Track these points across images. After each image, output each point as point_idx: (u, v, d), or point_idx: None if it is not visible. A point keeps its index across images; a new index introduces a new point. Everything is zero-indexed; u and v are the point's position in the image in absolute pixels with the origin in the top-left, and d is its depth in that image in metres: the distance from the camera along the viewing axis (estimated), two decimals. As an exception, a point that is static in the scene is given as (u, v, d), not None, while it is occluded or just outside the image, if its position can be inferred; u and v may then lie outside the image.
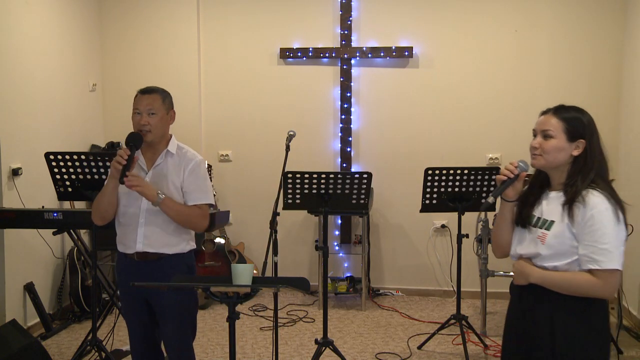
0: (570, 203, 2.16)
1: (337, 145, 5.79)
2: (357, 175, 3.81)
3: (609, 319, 2.28)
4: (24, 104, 4.66)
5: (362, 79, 5.75)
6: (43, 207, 4.25)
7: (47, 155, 3.74)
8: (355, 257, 5.82)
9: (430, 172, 4.30)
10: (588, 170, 2.19)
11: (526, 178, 2.32)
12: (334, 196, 3.79)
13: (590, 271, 2.12)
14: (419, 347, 4.47)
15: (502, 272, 4.49)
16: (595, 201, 2.14)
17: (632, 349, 4.42)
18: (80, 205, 5.08)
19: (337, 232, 5.86)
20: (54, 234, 4.12)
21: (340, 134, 5.75)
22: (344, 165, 5.75)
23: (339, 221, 5.82)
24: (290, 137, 3.85)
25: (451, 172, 4.26)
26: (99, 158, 3.69)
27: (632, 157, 5.13)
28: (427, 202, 4.35)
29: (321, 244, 3.85)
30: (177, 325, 2.97)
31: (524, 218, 2.28)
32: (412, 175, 5.27)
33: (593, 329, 2.19)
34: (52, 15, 5.07)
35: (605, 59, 5.47)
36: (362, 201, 3.86)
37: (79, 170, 3.72)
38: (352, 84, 5.71)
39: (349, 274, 5.82)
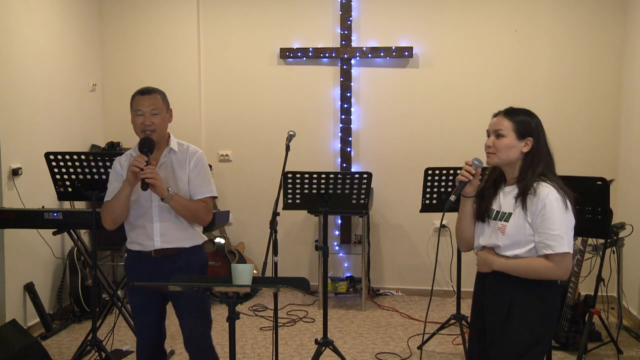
0: (523, 195, 2.39)
1: (337, 145, 5.79)
2: (357, 175, 3.81)
3: (560, 298, 2.57)
4: (24, 104, 4.66)
5: (362, 79, 5.75)
6: (43, 207, 4.24)
7: (47, 155, 3.74)
8: (355, 257, 5.82)
9: (430, 172, 4.30)
10: (536, 165, 2.43)
11: (481, 175, 2.56)
12: (334, 196, 3.79)
13: (545, 256, 2.36)
14: (419, 347, 4.47)
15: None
16: (546, 192, 2.37)
17: (632, 349, 4.42)
18: (80, 205, 5.08)
19: (337, 232, 5.86)
20: (54, 234, 4.12)
21: (340, 134, 5.75)
22: (344, 165, 5.75)
23: (339, 221, 5.82)
24: (290, 137, 3.85)
25: (451, 172, 4.26)
26: (99, 158, 3.69)
27: (632, 157, 5.13)
28: (427, 202, 4.35)
29: (321, 244, 3.85)
30: (197, 316, 3.01)
31: (483, 212, 2.51)
32: (412, 175, 5.27)
33: (545, 309, 2.44)
34: (52, 15, 5.07)
35: (605, 59, 5.47)
36: (362, 201, 3.85)
37: (79, 170, 3.72)
38: (352, 84, 5.71)
39: (349, 274, 5.82)
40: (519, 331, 2.42)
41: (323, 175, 3.76)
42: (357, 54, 5.66)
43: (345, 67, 5.69)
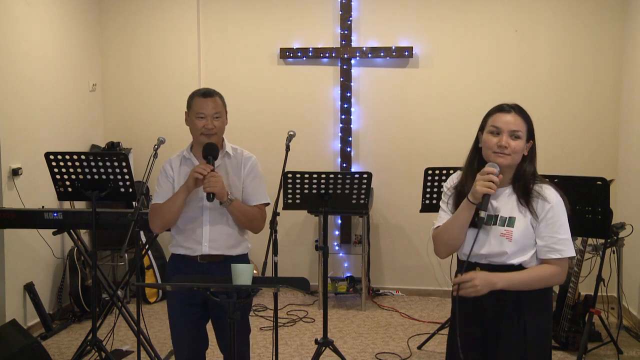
0: (528, 198, 2.25)
1: (337, 145, 5.79)
2: (357, 175, 3.81)
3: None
4: (24, 104, 4.66)
5: (362, 79, 5.75)
6: (43, 207, 4.25)
7: (47, 155, 3.74)
8: (355, 257, 5.82)
9: (430, 172, 4.30)
10: (532, 166, 2.32)
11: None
12: (334, 196, 3.79)
13: (547, 260, 2.25)
14: (419, 347, 4.47)
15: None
16: (552, 195, 2.26)
17: (632, 349, 4.42)
18: (80, 205, 5.09)
19: (337, 232, 5.86)
20: (54, 234, 4.12)
21: (340, 134, 5.75)
22: (344, 165, 5.75)
23: (339, 221, 5.82)
24: (290, 137, 3.84)
25: (451, 172, 4.25)
26: (99, 158, 3.69)
27: (632, 157, 5.13)
28: (427, 202, 4.35)
29: (321, 244, 3.85)
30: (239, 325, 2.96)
31: (473, 217, 2.28)
32: (412, 175, 5.27)
33: (550, 313, 2.39)
34: (52, 15, 5.07)
35: (605, 59, 5.47)
36: (362, 201, 3.85)
37: (79, 170, 3.72)
38: (352, 84, 5.71)
39: (349, 274, 5.82)
40: (535, 339, 2.29)
41: (323, 175, 3.76)
42: (357, 54, 5.66)
43: (345, 67, 5.69)
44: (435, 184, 4.28)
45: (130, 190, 3.75)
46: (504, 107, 2.33)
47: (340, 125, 5.74)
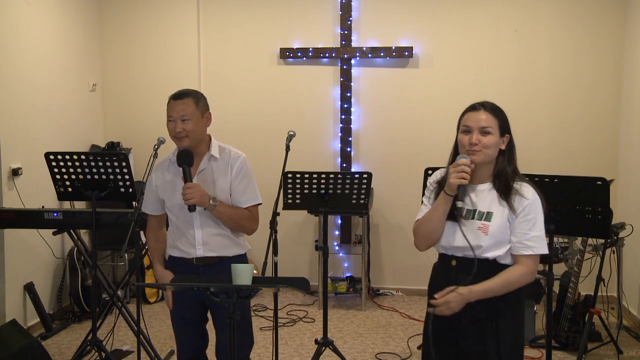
0: (507, 194, 2.31)
1: (337, 145, 5.79)
2: (357, 175, 3.80)
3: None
4: (24, 104, 4.66)
5: (362, 79, 5.75)
6: (43, 207, 4.24)
7: (47, 155, 3.74)
8: (355, 257, 5.82)
9: (430, 172, 4.28)
10: (511, 162, 2.37)
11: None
12: (334, 196, 3.78)
13: (519, 256, 2.31)
14: (419, 347, 4.47)
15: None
16: (530, 192, 2.32)
17: (632, 349, 4.42)
18: (80, 205, 5.09)
19: (337, 232, 5.86)
20: (54, 234, 4.11)
21: (340, 134, 5.75)
22: (344, 165, 5.75)
23: (339, 221, 5.82)
24: (290, 137, 3.84)
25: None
26: (99, 158, 3.69)
27: (632, 157, 5.13)
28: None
29: (321, 244, 3.85)
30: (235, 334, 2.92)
31: (453, 210, 2.37)
32: (412, 175, 5.27)
33: (522, 312, 2.43)
34: (52, 15, 5.07)
35: (605, 59, 5.47)
36: (362, 201, 3.85)
37: (79, 170, 3.72)
38: (352, 84, 5.71)
39: (349, 274, 5.82)
40: (508, 336, 2.36)
41: (323, 175, 3.75)
42: (357, 54, 5.66)
43: (345, 67, 5.69)
44: (435, 184, 4.28)
45: (130, 190, 3.75)
46: (475, 105, 2.41)
47: (340, 125, 5.74)
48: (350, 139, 5.73)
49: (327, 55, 5.70)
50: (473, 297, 2.28)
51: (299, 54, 5.71)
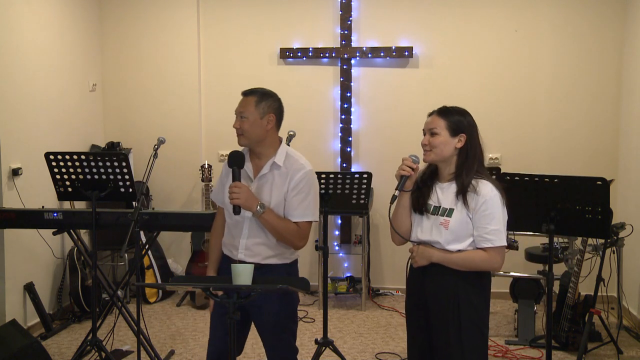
0: (464, 192, 2.50)
1: (337, 145, 5.79)
2: (357, 175, 3.81)
3: (490, 287, 2.68)
4: (24, 104, 4.66)
5: (362, 79, 5.75)
6: (43, 207, 4.24)
7: (47, 155, 3.74)
8: (355, 257, 5.82)
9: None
10: (472, 162, 2.55)
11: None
12: (334, 196, 3.79)
13: (483, 249, 2.50)
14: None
15: (502, 272, 4.49)
16: (486, 189, 2.50)
17: (632, 349, 4.42)
18: (80, 205, 5.09)
19: (337, 232, 5.86)
20: (54, 234, 4.11)
21: (340, 134, 5.75)
22: (344, 165, 5.75)
23: (339, 221, 5.82)
24: (290, 137, 3.85)
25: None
26: (99, 158, 3.69)
27: (632, 157, 5.13)
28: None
29: (321, 244, 3.85)
30: (275, 343, 2.85)
31: (421, 205, 2.60)
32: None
33: (485, 297, 2.62)
34: (52, 15, 5.07)
35: (605, 59, 5.47)
36: (362, 201, 3.85)
37: (79, 170, 3.72)
38: (352, 84, 5.71)
39: (349, 274, 5.82)
40: (469, 327, 2.53)
41: (323, 175, 3.76)
42: (357, 54, 5.66)
43: (345, 67, 5.69)
44: (435, 184, 4.27)
45: (130, 190, 3.75)
46: (430, 112, 2.71)
47: (340, 125, 5.74)
48: (350, 139, 5.73)
49: (327, 55, 5.70)
50: (434, 256, 2.54)
51: (299, 54, 5.71)
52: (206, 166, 5.56)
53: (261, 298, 2.38)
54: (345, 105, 5.70)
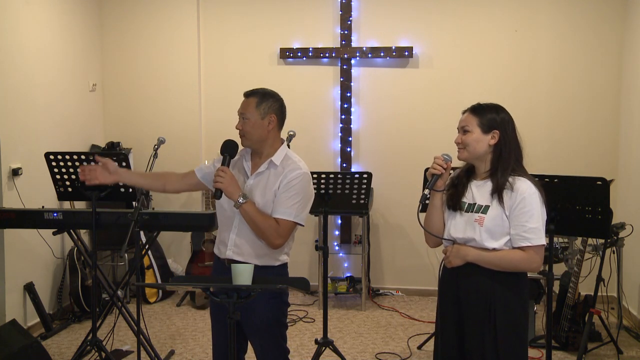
0: (499, 190, 2.44)
1: (337, 145, 5.79)
2: (357, 175, 3.81)
3: (528, 289, 2.59)
4: (24, 104, 4.66)
5: (362, 79, 5.75)
6: (43, 207, 4.24)
7: (47, 155, 3.74)
8: (355, 257, 5.82)
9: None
10: (507, 158, 2.48)
11: (452, 169, 2.61)
12: (334, 196, 3.79)
13: (521, 248, 2.41)
14: (419, 347, 4.47)
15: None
16: (524, 187, 2.43)
17: (632, 349, 4.42)
18: (80, 205, 5.09)
19: (337, 232, 5.86)
20: (54, 234, 4.11)
21: (340, 134, 5.75)
22: (344, 165, 5.75)
23: (339, 221, 5.82)
24: (290, 137, 3.85)
25: (451, 172, 4.25)
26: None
27: (632, 157, 5.13)
28: (428, 202, 4.33)
29: (321, 244, 3.85)
30: (265, 346, 2.87)
31: (455, 202, 2.54)
32: (412, 175, 5.27)
33: (523, 299, 2.51)
34: (52, 15, 5.07)
35: (605, 59, 5.47)
36: (362, 201, 3.86)
37: (79, 170, 3.72)
38: (352, 84, 5.71)
39: (349, 274, 5.82)
40: (506, 331, 2.44)
41: (323, 175, 3.76)
42: (357, 54, 5.65)
43: (345, 67, 5.69)
44: (435, 184, 4.28)
45: (130, 190, 3.75)
46: (464, 110, 2.61)
47: (340, 125, 5.74)
48: (350, 139, 5.73)
49: (327, 55, 5.70)
50: (469, 255, 2.45)
51: (299, 54, 5.71)
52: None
53: (250, 301, 2.36)
54: (345, 105, 5.70)
